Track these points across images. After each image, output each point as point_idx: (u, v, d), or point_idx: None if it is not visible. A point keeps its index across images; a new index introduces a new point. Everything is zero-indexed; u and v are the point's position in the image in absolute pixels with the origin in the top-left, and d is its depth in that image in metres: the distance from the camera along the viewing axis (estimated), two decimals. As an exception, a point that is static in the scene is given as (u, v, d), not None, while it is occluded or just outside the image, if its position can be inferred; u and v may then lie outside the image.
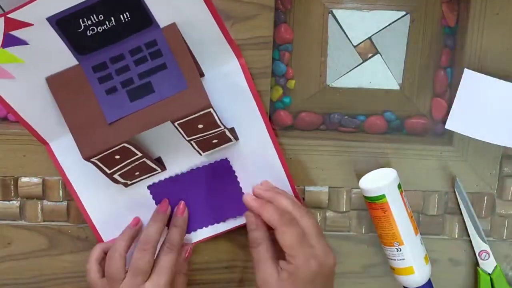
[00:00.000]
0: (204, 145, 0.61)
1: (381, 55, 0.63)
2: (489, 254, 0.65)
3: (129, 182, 0.63)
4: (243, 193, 0.64)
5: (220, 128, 0.58)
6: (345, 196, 0.66)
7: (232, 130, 0.61)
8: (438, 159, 0.65)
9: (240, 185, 0.64)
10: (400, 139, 0.65)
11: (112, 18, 0.56)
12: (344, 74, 0.63)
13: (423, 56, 0.63)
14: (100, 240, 0.64)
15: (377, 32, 0.62)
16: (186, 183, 0.64)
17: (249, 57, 0.61)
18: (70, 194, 0.64)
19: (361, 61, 0.63)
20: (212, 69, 0.61)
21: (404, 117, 0.64)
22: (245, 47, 0.61)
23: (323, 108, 0.64)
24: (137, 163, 0.60)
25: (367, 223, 0.66)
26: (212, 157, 0.63)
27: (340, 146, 0.64)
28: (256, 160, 0.63)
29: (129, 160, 0.59)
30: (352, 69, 0.63)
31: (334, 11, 0.62)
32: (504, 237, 0.66)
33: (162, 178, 0.64)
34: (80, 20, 0.55)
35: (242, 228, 0.65)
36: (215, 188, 0.64)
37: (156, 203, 0.64)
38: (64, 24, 0.55)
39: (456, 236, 0.66)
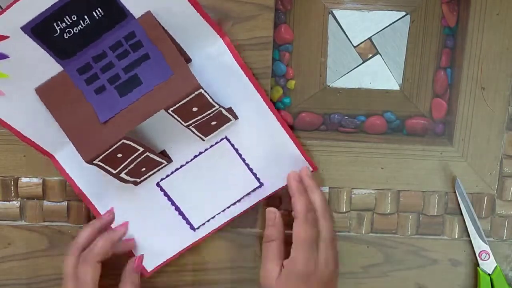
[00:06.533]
0: (204, 129, 0.61)
1: (381, 55, 0.63)
2: (489, 255, 0.65)
3: (138, 180, 0.63)
4: (251, 168, 0.63)
5: (215, 108, 0.58)
6: (345, 196, 0.65)
7: (230, 110, 0.61)
8: (438, 159, 0.65)
9: (247, 161, 0.63)
10: (400, 139, 0.64)
11: (86, 17, 0.55)
12: (344, 74, 0.63)
13: (423, 56, 0.63)
14: None
15: (377, 32, 0.62)
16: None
17: (249, 58, 0.61)
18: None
19: (361, 61, 0.63)
20: (198, 53, 0.60)
21: (404, 117, 0.64)
22: (245, 47, 0.61)
23: (323, 108, 0.64)
24: (140, 158, 0.59)
25: (367, 223, 0.66)
26: (214, 141, 0.63)
27: (340, 146, 0.64)
28: (259, 133, 0.62)
29: (132, 157, 0.58)
30: (352, 69, 0.63)
31: (334, 11, 0.62)
32: (504, 238, 0.66)
33: (169, 172, 0.63)
34: (54, 24, 0.54)
35: (243, 228, 0.66)
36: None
37: (168, 200, 0.64)
38: (39, 31, 0.54)
39: (456, 237, 0.66)
